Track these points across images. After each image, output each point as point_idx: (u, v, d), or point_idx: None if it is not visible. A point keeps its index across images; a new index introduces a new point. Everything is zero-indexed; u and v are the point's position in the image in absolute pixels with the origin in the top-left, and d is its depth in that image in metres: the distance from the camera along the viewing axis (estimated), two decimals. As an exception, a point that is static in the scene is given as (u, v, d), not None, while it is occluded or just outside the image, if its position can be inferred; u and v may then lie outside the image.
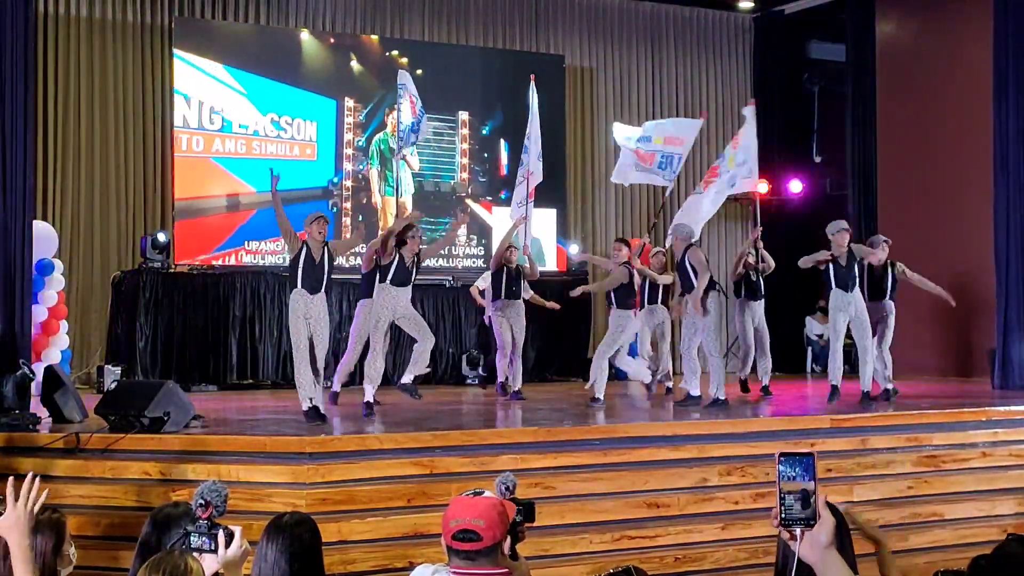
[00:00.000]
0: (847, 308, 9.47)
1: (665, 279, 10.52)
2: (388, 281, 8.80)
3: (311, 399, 7.84)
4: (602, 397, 9.46)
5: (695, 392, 9.32)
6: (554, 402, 9.87)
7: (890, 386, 9.79)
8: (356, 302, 10.26)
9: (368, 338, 9.15)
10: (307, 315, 8.04)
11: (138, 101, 12.79)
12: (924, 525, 7.33)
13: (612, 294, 10.03)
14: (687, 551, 6.56)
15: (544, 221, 14.10)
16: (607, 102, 15.38)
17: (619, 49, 15.46)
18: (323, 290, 8.17)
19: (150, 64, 12.83)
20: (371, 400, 8.65)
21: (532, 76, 11.25)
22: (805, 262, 9.61)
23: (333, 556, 5.60)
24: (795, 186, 15.60)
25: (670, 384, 10.92)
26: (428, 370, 8.86)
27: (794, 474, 2.15)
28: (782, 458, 2.17)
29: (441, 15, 14.37)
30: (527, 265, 10.41)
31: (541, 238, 14.04)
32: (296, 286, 8.09)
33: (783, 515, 2.16)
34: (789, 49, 16.06)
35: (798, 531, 2.16)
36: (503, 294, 10.37)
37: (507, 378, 10.30)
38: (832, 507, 2.37)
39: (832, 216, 15.24)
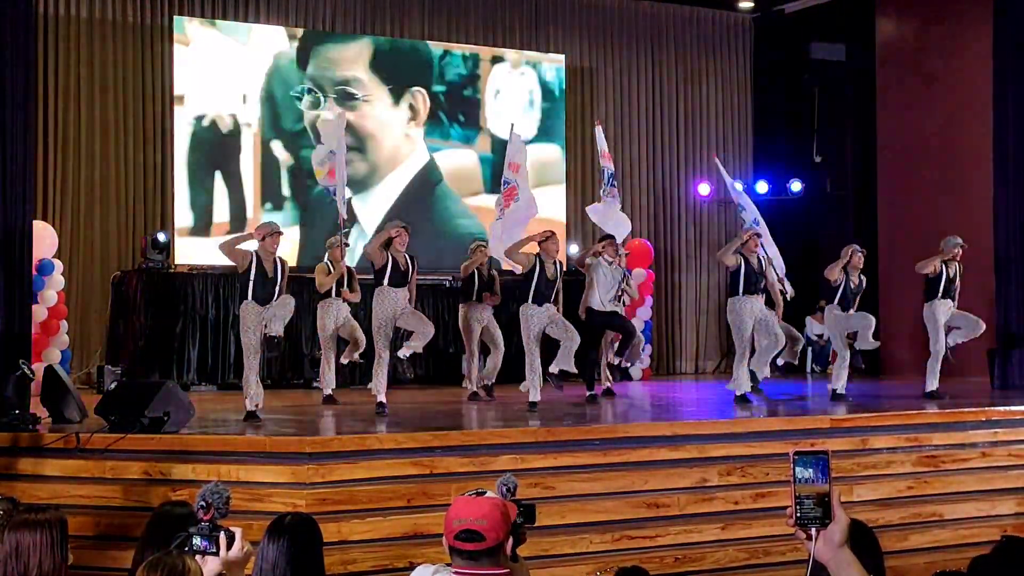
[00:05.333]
0: (848, 322, 10.04)
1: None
2: (386, 283, 8.82)
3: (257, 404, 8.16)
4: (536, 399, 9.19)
5: None
6: (554, 402, 9.86)
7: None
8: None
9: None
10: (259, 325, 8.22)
11: (138, 101, 12.79)
12: (924, 525, 7.33)
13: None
14: (687, 551, 6.56)
15: (547, 222, 14.20)
16: (607, 102, 15.38)
17: (619, 49, 15.46)
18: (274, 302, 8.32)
19: (150, 64, 12.83)
20: (383, 400, 8.67)
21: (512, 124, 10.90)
22: None
23: (333, 556, 5.61)
24: (795, 186, 15.60)
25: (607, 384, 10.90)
26: (421, 350, 8.93)
27: (808, 474, 2.14)
28: (796, 457, 2.16)
29: (440, 15, 14.37)
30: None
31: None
32: (247, 298, 8.24)
33: (798, 515, 2.15)
34: (789, 49, 16.04)
35: (813, 531, 2.15)
36: (475, 296, 10.53)
37: (480, 383, 10.43)
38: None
39: (832, 216, 15.34)
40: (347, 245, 10.08)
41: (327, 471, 6.46)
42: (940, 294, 10.09)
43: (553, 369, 9.22)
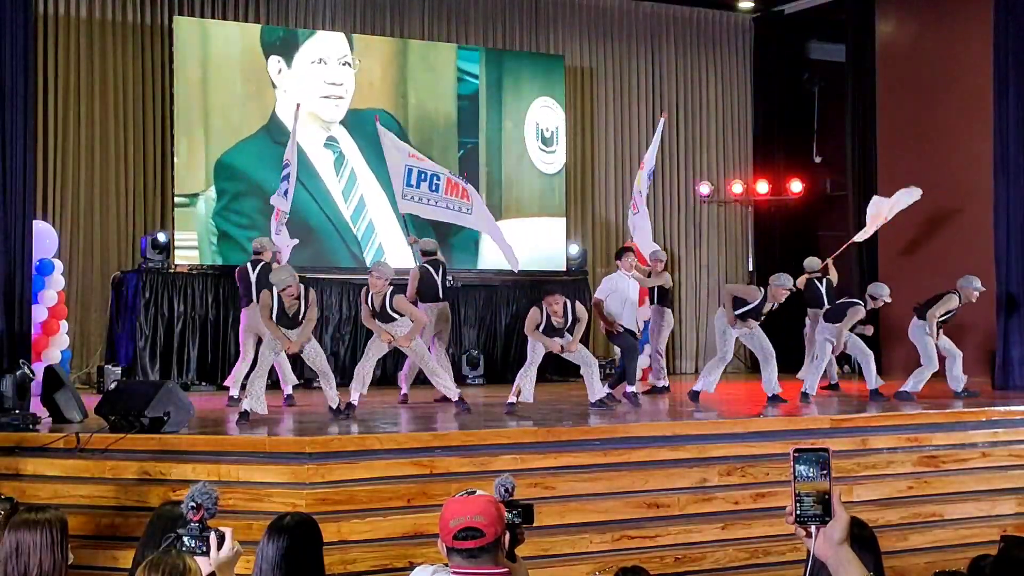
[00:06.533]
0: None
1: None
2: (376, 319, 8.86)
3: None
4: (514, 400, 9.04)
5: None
6: (554, 402, 9.87)
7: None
8: (354, 303, 10.39)
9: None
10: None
11: (138, 101, 12.79)
12: (924, 525, 7.33)
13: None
14: (687, 551, 6.56)
15: (549, 223, 14.32)
16: (607, 102, 15.38)
17: (619, 49, 15.46)
18: None
19: (150, 64, 12.83)
20: (354, 402, 8.64)
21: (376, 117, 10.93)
22: None
23: (333, 556, 5.61)
24: (795, 186, 15.61)
25: (665, 383, 11.28)
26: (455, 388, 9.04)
27: (809, 471, 2.14)
28: (797, 455, 2.16)
29: (441, 15, 14.37)
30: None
31: (548, 240, 14.21)
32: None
33: (798, 512, 2.15)
34: (789, 49, 16.07)
35: (813, 528, 2.15)
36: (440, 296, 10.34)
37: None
38: None
39: (832, 216, 15.38)
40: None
41: (327, 471, 6.45)
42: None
43: (592, 399, 9.12)
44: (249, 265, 9.94)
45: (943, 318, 10.15)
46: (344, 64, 13.34)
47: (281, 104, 12.97)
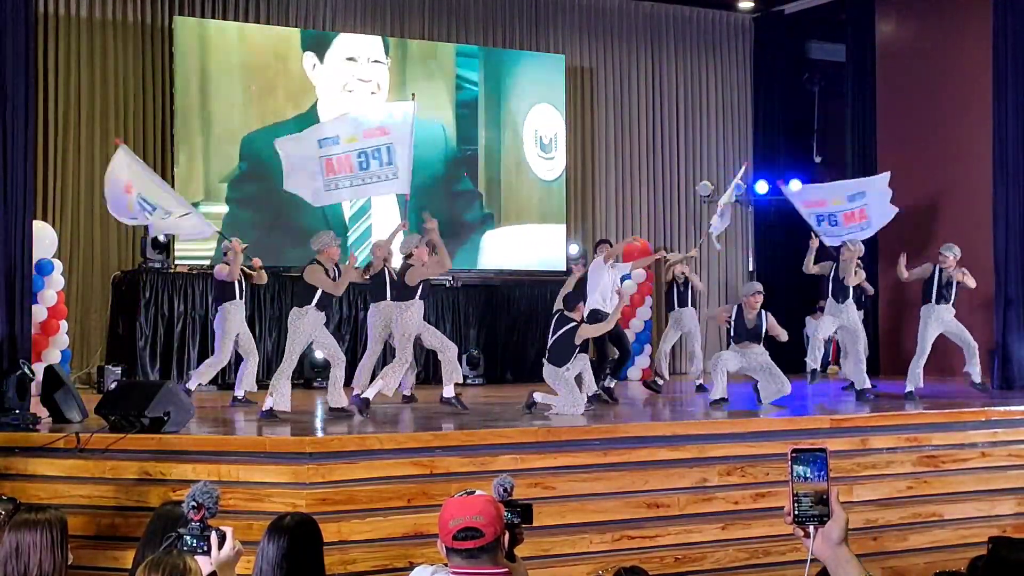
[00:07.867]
0: (839, 315, 10.32)
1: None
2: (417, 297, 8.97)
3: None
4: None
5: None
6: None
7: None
8: (353, 303, 10.43)
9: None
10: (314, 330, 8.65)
11: (138, 101, 12.79)
12: (924, 525, 7.34)
13: None
14: (687, 551, 6.57)
15: (549, 230, 14.40)
16: (607, 102, 15.39)
17: (619, 49, 15.47)
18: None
19: (150, 64, 12.83)
20: (369, 398, 8.67)
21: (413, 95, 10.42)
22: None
23: (333, 556, 5.61)
24: (795, 186, 15.58)
25: (700, 382, 11.70)
26: (460, 379, 9.09)
27: (807, 471, 2.14)
28: (795, 455, 2.15)
29: (441, 15, 14.38)
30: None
31: (549, 245, 14.21)
32: (309, 303, 8.56)
33: (796, 512, 2.15)
34: (789, 49, 16.08)
35: (811, 528, 2.15)
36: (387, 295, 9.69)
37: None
38: None
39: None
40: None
41: (327, 471, 6.46)
42: (933, 299, 10.22)
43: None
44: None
45: (935, 292, 10.25)
46: (375, 62, 13.42)
47: (322, 102, 13.10)
